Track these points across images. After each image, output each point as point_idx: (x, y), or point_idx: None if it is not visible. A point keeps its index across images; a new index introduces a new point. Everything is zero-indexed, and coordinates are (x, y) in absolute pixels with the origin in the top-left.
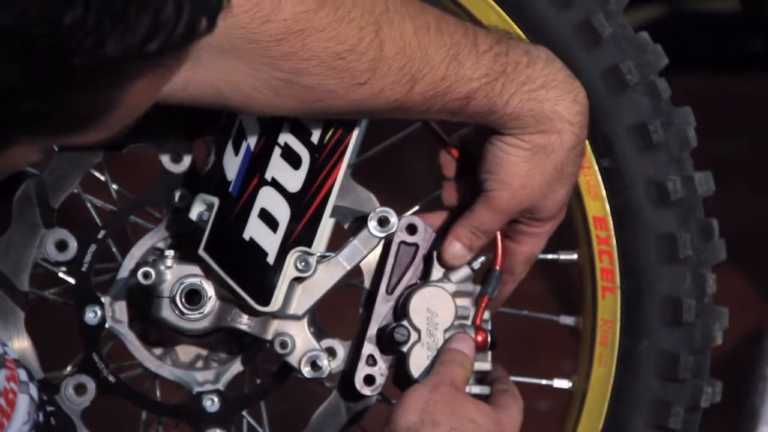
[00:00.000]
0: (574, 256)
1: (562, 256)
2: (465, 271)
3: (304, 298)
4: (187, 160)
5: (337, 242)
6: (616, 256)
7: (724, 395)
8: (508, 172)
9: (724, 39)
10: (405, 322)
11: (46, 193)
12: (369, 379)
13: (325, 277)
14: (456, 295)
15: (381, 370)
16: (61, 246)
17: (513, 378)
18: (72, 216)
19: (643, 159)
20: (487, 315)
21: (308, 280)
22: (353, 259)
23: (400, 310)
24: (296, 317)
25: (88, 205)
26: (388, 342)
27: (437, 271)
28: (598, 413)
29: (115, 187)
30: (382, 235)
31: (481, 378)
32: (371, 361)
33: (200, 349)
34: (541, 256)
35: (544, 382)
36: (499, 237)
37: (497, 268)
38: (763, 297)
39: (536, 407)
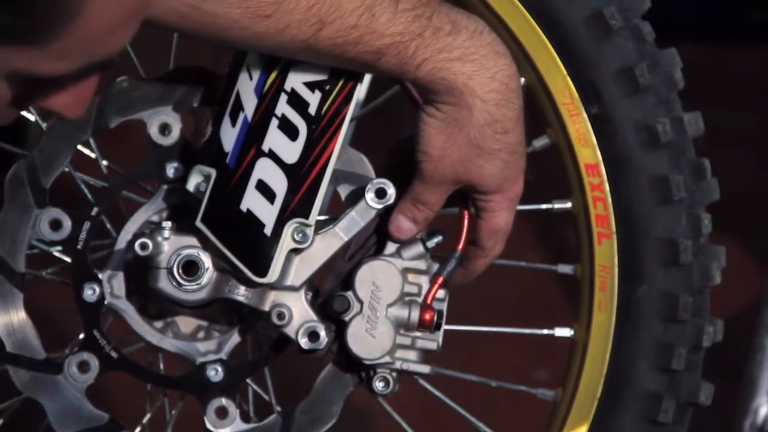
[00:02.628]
0: (568, 205)
1: (557, 206)
2: (418, 249)
3: (302, 270)
4: (175, 132)
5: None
6: (610, 201)
7: (722, 366)
8: (428, 143)
9: (723, 10)
10: (349, 293)
11: (37, 173)
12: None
13: (322, 248)
14: (408, 271)
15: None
16: (55, 225)
17: (514, 330)
18: (64, 194)
19: (631, 103)
20: (442, 294)
21: (305, 252)
22: (350, 230)
23: (349, 280)
24: (293, 288)
25: (80, 182)
26: (330, 310)
27: (391, 246)
28: (601, 359)
29: (105, 163)
30: (380, 206)
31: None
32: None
33: (201, 320)
34: (535, 207)
35: (545, 331)
36: (465, 219)
37: (458, 249)
38: (761, 268)
39: (539, 362)
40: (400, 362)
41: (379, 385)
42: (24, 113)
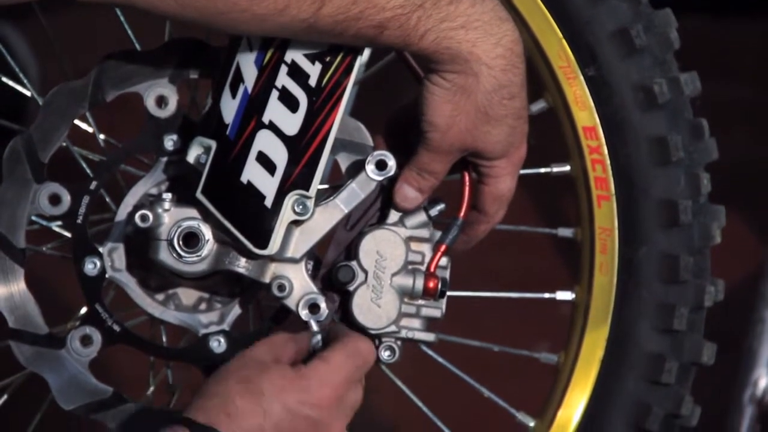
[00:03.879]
0: (567, 168)
1: (555, 169)
2: (421, 217)
3: (302, 242)
4: (172, 105)
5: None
6: (609, 164)
7: (722, 339)
8: (434, 113)
9: None
10: (353, 263)
11: (35, 148)
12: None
13: (323, 220)
14: (411, 240)
15: (332, 304)
16: (55, 200)
17: (515, 294)
18: (63, 169)
19: (628, 64)
20: (444, 262)
21: (306, 224)
22: (351, 202)
23: (352, 250)
24: (294, 260)
25: (78, 157)
26: (335, 280)
27: (393, 215)
28: (603, 321)
29: (102, 137)
30: (380, 178)
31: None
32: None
33: (202, 292)
34: (534, 171)
35: (546, 295)
36: (466, 187)
37: (460, 216)
38: (761, 240)
39: (540, 332)
40: (405, 331)
41: (384, 354)
42: (21, 88)
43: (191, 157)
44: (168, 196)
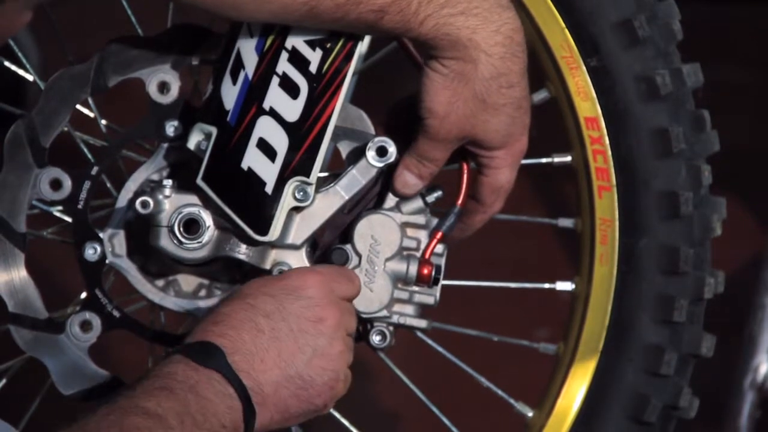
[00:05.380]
0: (568, 159)
1: (556, 159)
2: (417, 204)
3: (303, 228)
4: (174, 91)
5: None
6: (610, 154)
7: (722, 324)
8: (433, 99)
9: None
10: (347, 246)
11: (37, 132)
12: None
13: (324, 206)
14: (407, 226)
15: None
16: (56, 185)
17: (515, 285)
18: (64, 154)
19: (630, 55)
20: (440, 249)
21: (306, 210)
22: (351, 188)
23: (348, 233)
24: (295, 246)
25: (79, 142)
26: (328, 262)
27: (390, 201)
28: (602, 312)
29: (104, 122)
30: (381, 164)
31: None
32: None
33: (202, 279)
34: (535, 161)
35: (546, 285)
36: (465, 175)
37: (458, 204)
38: (762, 226)
39: (539, 320)
40: (397, 316)
41: (375, 339)
42: (23, 72)
43: (192, 144)
44: (169, 182)
